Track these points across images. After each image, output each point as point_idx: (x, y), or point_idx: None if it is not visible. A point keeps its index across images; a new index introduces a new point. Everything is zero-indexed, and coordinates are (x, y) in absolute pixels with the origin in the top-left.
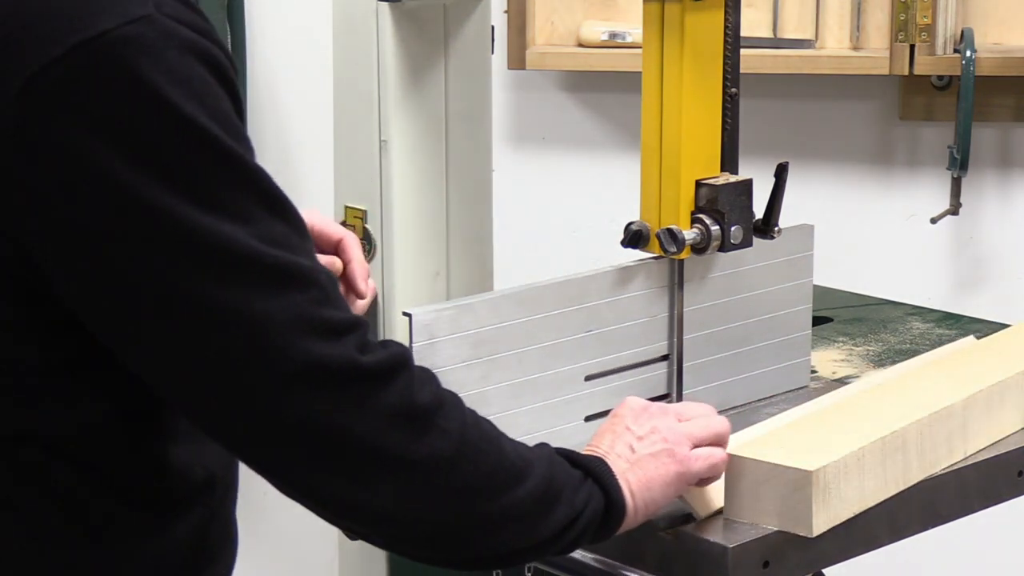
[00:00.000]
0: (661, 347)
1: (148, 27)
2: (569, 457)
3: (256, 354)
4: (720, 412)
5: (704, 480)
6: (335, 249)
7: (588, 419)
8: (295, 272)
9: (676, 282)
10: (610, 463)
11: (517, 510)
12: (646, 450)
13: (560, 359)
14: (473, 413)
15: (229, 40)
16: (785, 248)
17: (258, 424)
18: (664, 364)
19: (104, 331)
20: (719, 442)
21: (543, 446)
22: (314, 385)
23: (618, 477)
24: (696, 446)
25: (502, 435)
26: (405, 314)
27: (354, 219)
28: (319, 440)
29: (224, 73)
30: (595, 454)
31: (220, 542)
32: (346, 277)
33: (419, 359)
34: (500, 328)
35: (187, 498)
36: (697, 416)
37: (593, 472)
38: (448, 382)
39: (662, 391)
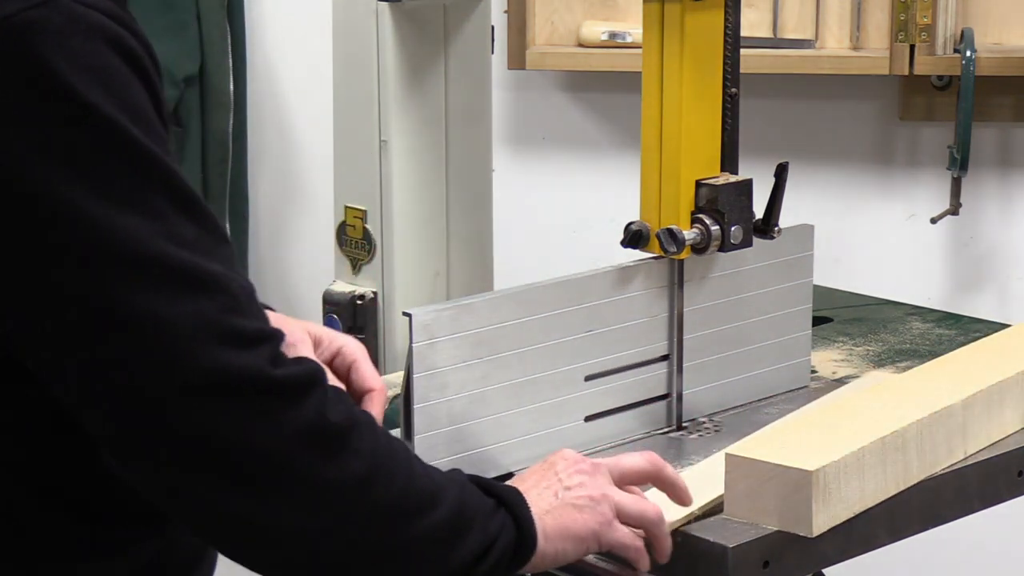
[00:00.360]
0: (661, 347)
1: (53, 11)
2: (483, 485)
3: (157, 362)
4: (720, 413)
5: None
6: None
7: (588, 419)
8: (204, 277)
9: (676, 282)
10: (529, 500)
11: (428, 537)
12: (569, 500)
13: (560, 359)
14: (387, 435)
15: (229, 40)
16: (785, 248)
17: (157, 436)
18: (664, 364)
19: (3, 331)
20: (644, 526)
21: (456, 472)
22: (219, 396)
23: (534, 514)
24: (620, 516)
25: (414, 458)
26: (405, 314)
27: (354, 219)
28: (222, 454)
29: (138, 62)
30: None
31: (190, 561)
32: (355, 383)
33: (419, 359)
34: (500, 328)
35: (145, 516)
36: (632, 492)
37: (506, 502)
38: (448, 382)
39: (662, 391)
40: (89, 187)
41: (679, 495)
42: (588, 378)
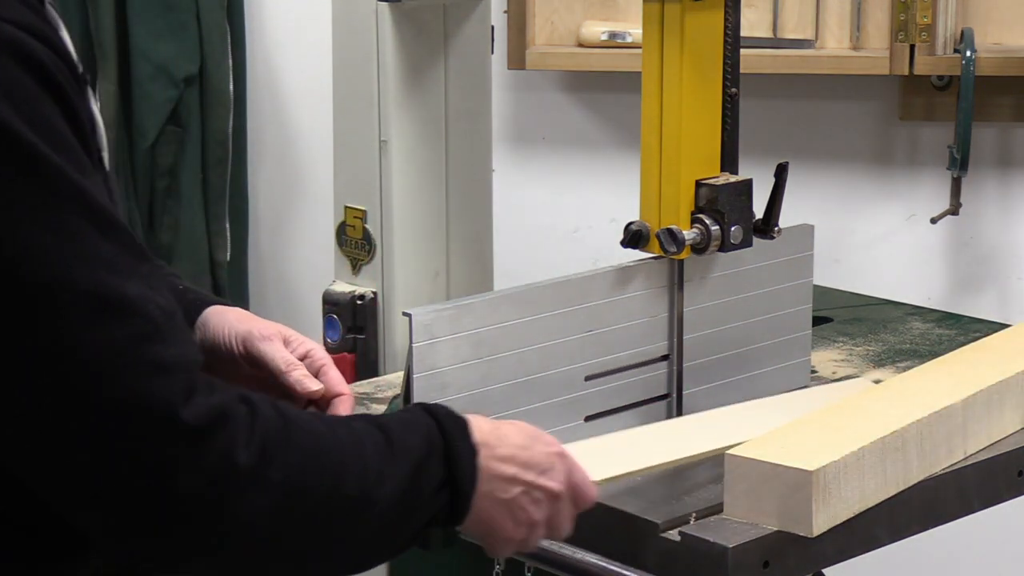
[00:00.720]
0: (661, 347)
1: None
2: (448, 445)
3: (61, 393)
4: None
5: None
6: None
7: (588, 419)
8: (118, 301)
9: (676, 283)
10: (485, 474)
11: (360, 536)
12: (518, 504)
13: (560, 359)
14: (320, 438)
15: (229, 40)
16: (785, 248)
17: (62, 469)
18: (664, 364)
19: None
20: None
21: (427, 430)
22: (123, 432)
23: (475, 496)
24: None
25: (356, 453)
26: (405, 314)
27: (354, 219)
28: (128, 492)
29: (50, 78)
30: (482, 457)
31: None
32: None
33: (419, 359)
34: (500, 328)
35: (71, 551)
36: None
37: (457, 480)
38: (448, 382)
39: (662, 391)
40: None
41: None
42: (588, 378)
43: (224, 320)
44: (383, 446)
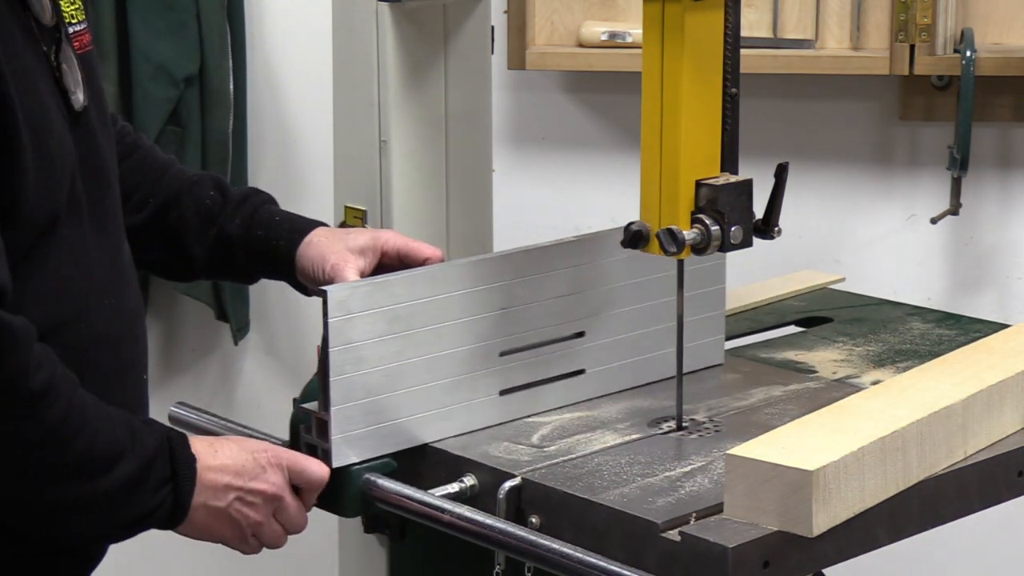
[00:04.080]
0: (575, 325)
1: None
2: (174, 450)
3: None
4: (641, 386)
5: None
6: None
7: (503, 393)
8: None
9: (678, 283)
10: (205, 481)
11: (93, 499)
12: (234, 510)
13: (474, 335)
14: (82, 404)
15: (229, 40)
16: None
17: None
18: (578, 341)
19: None
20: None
21: (161, 431)
22: None
23: (194, 502)
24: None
25: (107, 428)
26: (321, 291)
27: (354, 219)
28: None
29: None
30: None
31: None
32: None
33: (335, 334)
34: (415, 305)
35: None
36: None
37: (178, 479)
38: (364, 356)
39: (576, 367)
40: None
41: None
42: (503, 354)
43: (307, 254)
44: (129, 435)
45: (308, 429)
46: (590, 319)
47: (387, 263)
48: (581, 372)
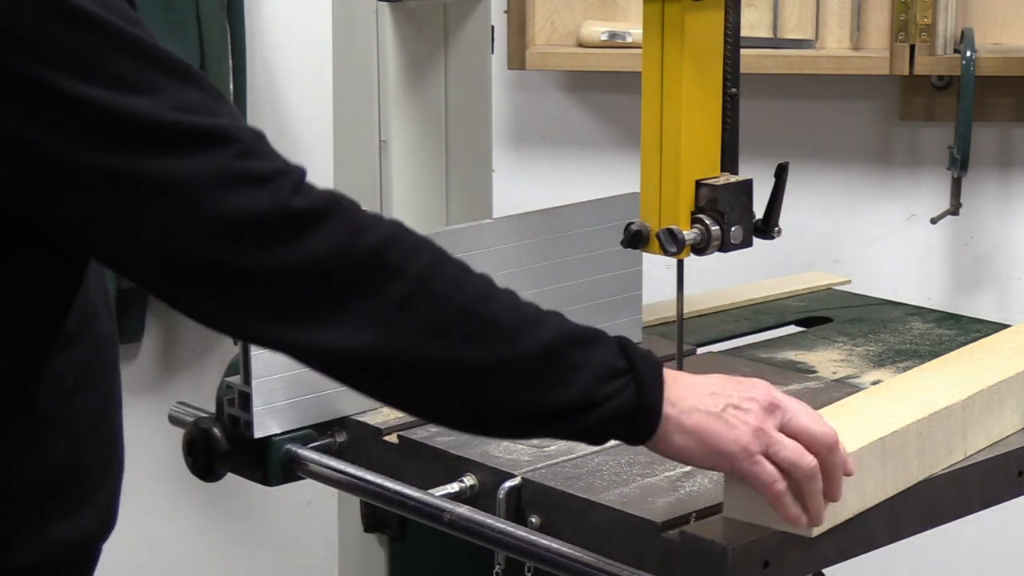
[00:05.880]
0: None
1: None
2: (628, 350)
3: (185, 213)
4: None
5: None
6: None
7: None
8: (213, 132)
9: (677, 283)
10: (680, 391)
11: (512, 365)
12: (729, 416)
13: None
14: (458, 267)
15: (229, 40)
16: (615, 214)
17: (199, 279)
18: None
19: (39, 217)
20: (814, 450)
21: (605, 334)
22: (245, 234)
23: (669, 399)
24: (772, 456)
25: (507, 292)
26: None
27: None
28: (260, 286)
29: None
30: (673, 377)
31: None
32: None
33: None
34: None
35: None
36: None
37: (639, 372)
38: None
39: None
40: (91, 79)
41: (830, 489)
42: None
43: None
44: (540, 312)
45: (232, 402)
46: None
47: None
48: None
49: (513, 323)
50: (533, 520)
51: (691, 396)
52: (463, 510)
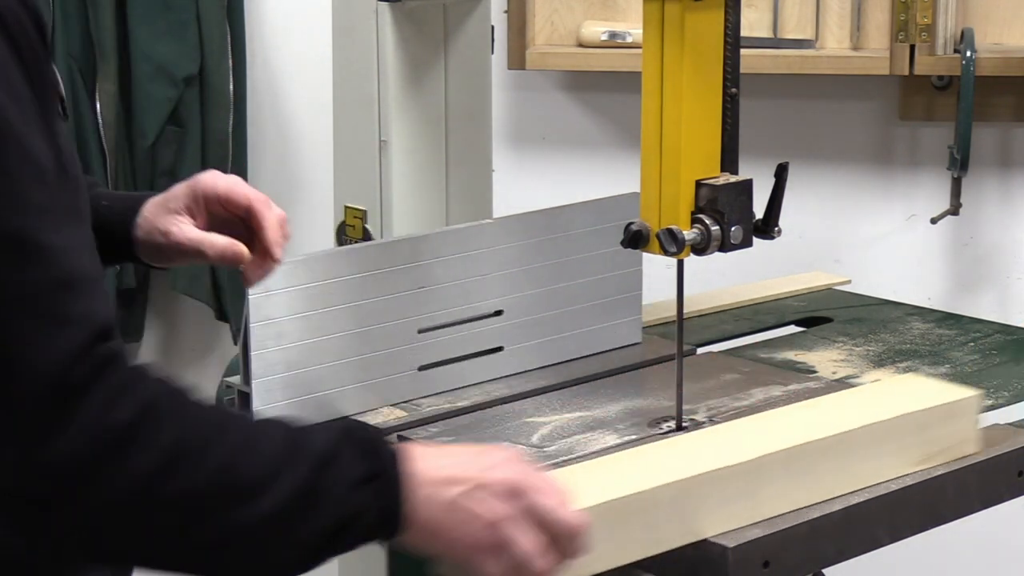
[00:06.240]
0: (494, 303)
1: None
2: (369, 449)
3: None
4: (550, 366)
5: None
6: (245, 215)
7: (422, 368)
8: (34, 247)
9: (678, 283)
10: (425, 478)
11: (261, 520)
12: (471, 505)
13: (393, 313)
14: (210, 416)
15: (229, 40)
16: (615, 214)
17: None
18: (496, 320)
19: None
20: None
21: (336, 429)
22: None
23: (417, 496)
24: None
25: (253, 435)
26: (241, 270)
27: (354, 219)
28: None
29: (5, 24)
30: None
31: None
32: (260, 245)
33: (255, 309)
34: (334, 283)
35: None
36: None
37: (383, 476)
38: (284, 331)
39: (495, 345)
40: None
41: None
42: (421, 331)
43: (141, 232)
44: (282, 442)
45: (232, 402)
46: (508, 298)
47: (213, 209)
48: (499, 349)
49: (263, 470)
50: None
51: (426, 484)
52: None
